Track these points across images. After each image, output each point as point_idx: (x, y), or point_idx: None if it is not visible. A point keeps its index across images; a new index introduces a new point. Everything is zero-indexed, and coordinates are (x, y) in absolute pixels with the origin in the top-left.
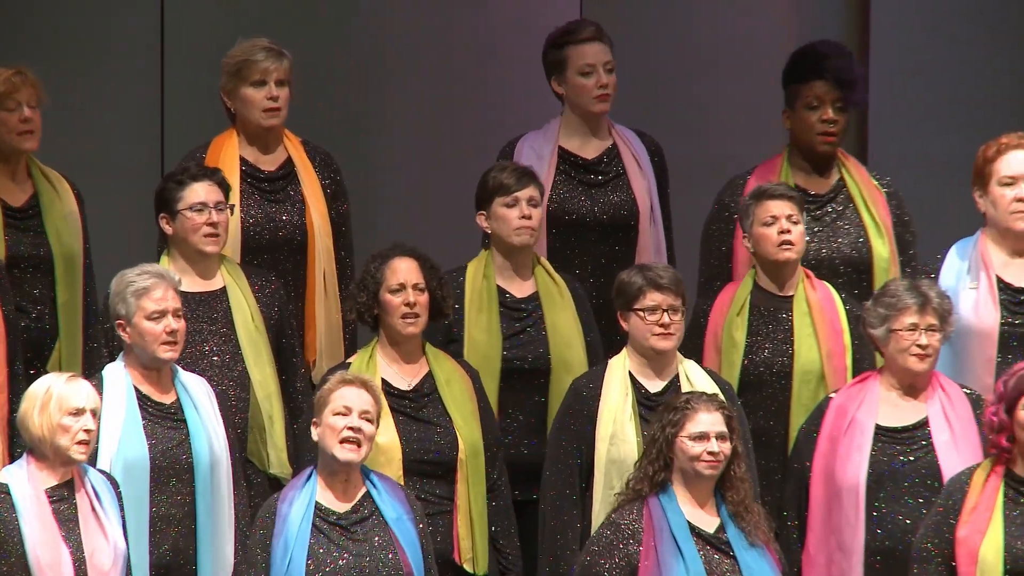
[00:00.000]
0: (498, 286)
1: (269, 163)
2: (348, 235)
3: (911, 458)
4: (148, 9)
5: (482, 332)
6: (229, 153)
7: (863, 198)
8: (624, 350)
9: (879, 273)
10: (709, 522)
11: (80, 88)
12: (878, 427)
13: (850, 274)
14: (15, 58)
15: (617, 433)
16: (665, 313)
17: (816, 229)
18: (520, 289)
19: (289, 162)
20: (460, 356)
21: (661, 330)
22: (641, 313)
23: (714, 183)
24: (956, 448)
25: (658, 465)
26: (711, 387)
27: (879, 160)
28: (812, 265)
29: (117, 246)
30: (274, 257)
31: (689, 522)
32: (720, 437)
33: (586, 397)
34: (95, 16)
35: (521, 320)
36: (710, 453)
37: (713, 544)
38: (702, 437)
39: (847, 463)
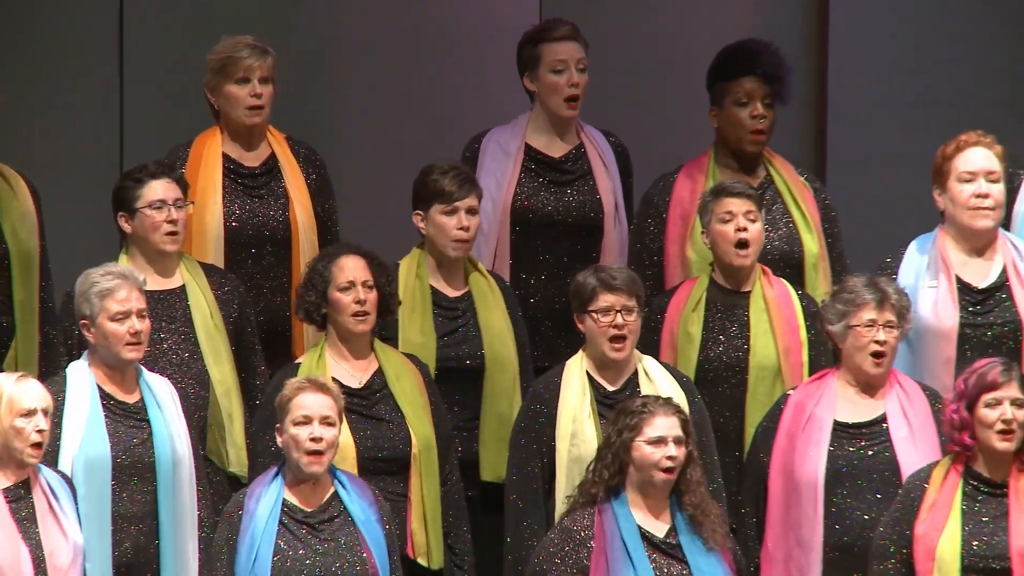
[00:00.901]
0: (431, 285)
1: (252, 159)
2: (335, 230)
3: (869, 454)
4: (107, 8)
5: (416, 332)
6: (212, 150)
7: (791, 194)
8: (581, 351)
9: (809, 268)
10: (660, 527)
11: (38, 86)
12: (836, 423)
13: (782, 269)
14: None
15: (577, 432)
16: (619, 314)
17: None
18: (452, 288)
19: (273, 158)
20: None
21: (615, 332)
22: (595, 315)
23: None
24: (914, 444)
25: (613, 469)
26: (670, 383)
27: (838, 157)
28: None
29: (75, 244)
30: (258, 252)
31: (640, 527)
32: (677, 441)
33: (544, 398)
34: (53, 14)
35: (454, 319)
36: (668, 458)
37: (663, 550)
38: (659, 441)
39: (805, 459)
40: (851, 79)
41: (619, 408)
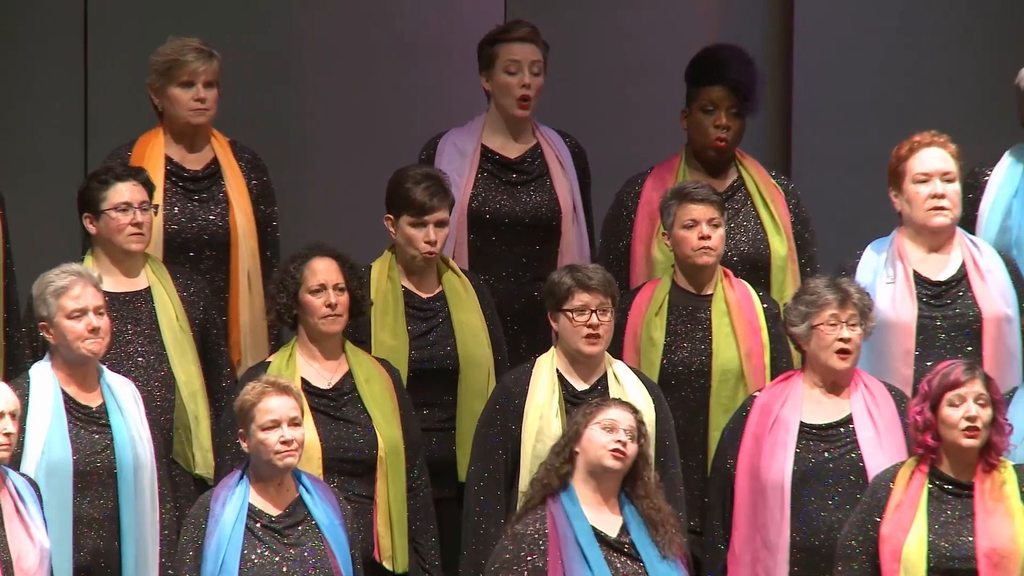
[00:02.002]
0: (403, 287)
1: (195, 162)
2: (275, 236)
3: (835, 455)
4: (71, 7)
5: (389, 334)
6: (155, 151)
7: (761, 196)
8: (552, 349)
9: (776, 271)
10: (612, 524)
11: (2, 86)
12: (802, 424)
13: (748, 271)
14: None
15: (543, 429)
16: (594, 314)
17: None
18: (425, 289)
19: (215, 162)
20: None
21: (589, 331)
22: (570, 314)
23: None
24: (880, 445)
25: (563, 457)
26: (639, 387)
27: (802, 159)
28: None
29: (40, 246)
30: (197, 256)
31: (593, 527)
32: (629, 433)
33: (513, 393)
34: (17, 13)
35: (428, 320)
36: (618, 442)
37: (616, 548)
38: (611, 428)
39: (772, 460)
40: (816, 80)
41: (581, 406)
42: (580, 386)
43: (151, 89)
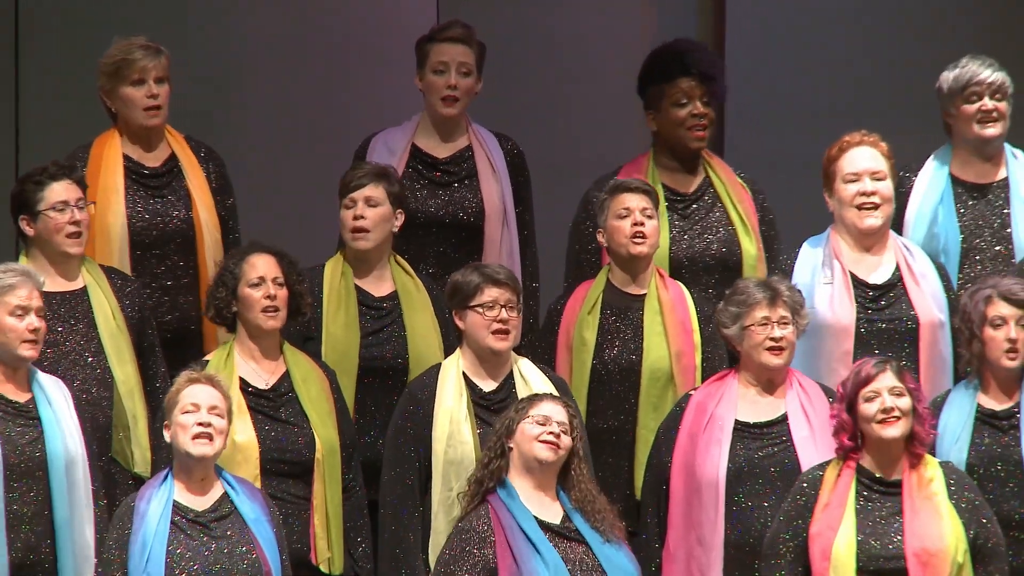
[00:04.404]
0: (356, 284)
1: (153, 160)
2: (236, 227)
3: (770, 453)
4: (1, 10)
5: (340, 328)
6: (112, 151)
7: (729, 196)
8: (458, 351)
9: (748, 270)
10: (554, 514)
11: None
12: (737, 422)
13: (720, 271)
14: None
15: (454, 433)
16: (503, 309)
17: (685, 228)
18: (378, 288)
19: (173, 158)
20: (318, 354)
21: (499, 326)
22: (479, 309)
23: (576, 183)
24: (815, 444)
25: (495, 453)
26: (546, 384)
27: (735, 158)
28: (683, 263)
29: None
30: (163, 253)
31: (536, 516)
32: (562, 427)
33: (420, 399)
34: None
35: (380, 319)
36: (551, 433)
37: (562, 534)
38: (544, 421)
39: (707, 458)
40: (748, 81)
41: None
42: (487, 386)
43: (102, 92)
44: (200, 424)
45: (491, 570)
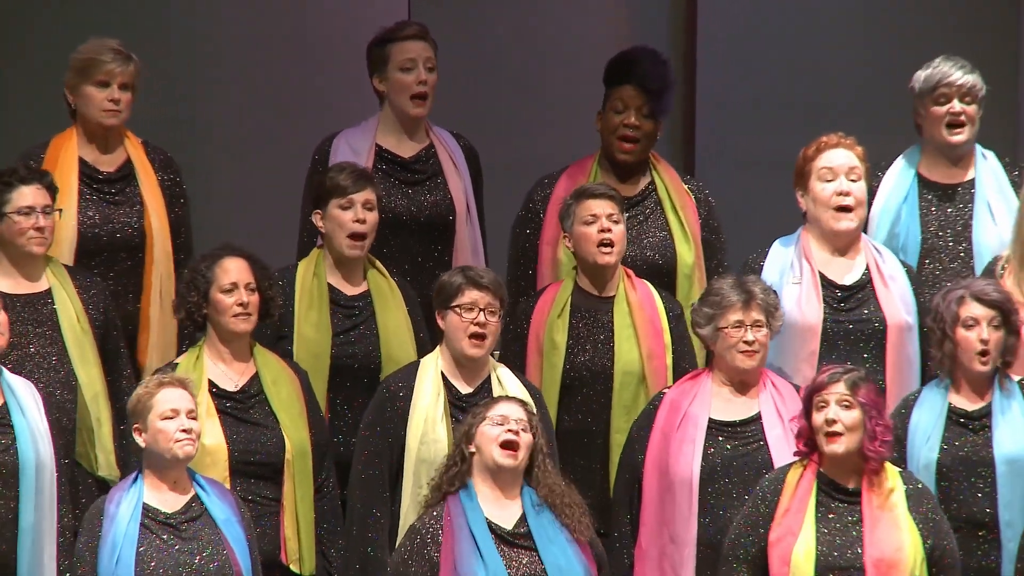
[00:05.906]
0: (329, 284)
1: (108, 163)
2: (188, 237)
3: (743, 452)
4: None
5: (312, 328)
6: (68, 152)
7: (672, 202)
8: (437, 350)
9: (682, 279)
10: (509, 518)
11: None
12: (711, 421)
13: (654, 278)
14: None
15: (428, 433)
16: (482, 312)
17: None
18: (351, 287)
19: (129, 163)
20: (289, 353)
21: (476, 329)
22: (458, 310)
23: None
24: (788, 443)
25: (455, 459)
26: (522, 392)
27: (704, 159)
28: None
29: None
30: (111, 258)
31: (489, 520)
32: (520, 424)
33: (397, 396)
34: None
35: (352, 318)
36: (509, 431)
37: (509, 542)
38: (502, 421)
39: (680, 456)
40: (719, 80)
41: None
42: (464, 389)
43: (67, 86)
44: (184, 431)
45: (436, 570)
